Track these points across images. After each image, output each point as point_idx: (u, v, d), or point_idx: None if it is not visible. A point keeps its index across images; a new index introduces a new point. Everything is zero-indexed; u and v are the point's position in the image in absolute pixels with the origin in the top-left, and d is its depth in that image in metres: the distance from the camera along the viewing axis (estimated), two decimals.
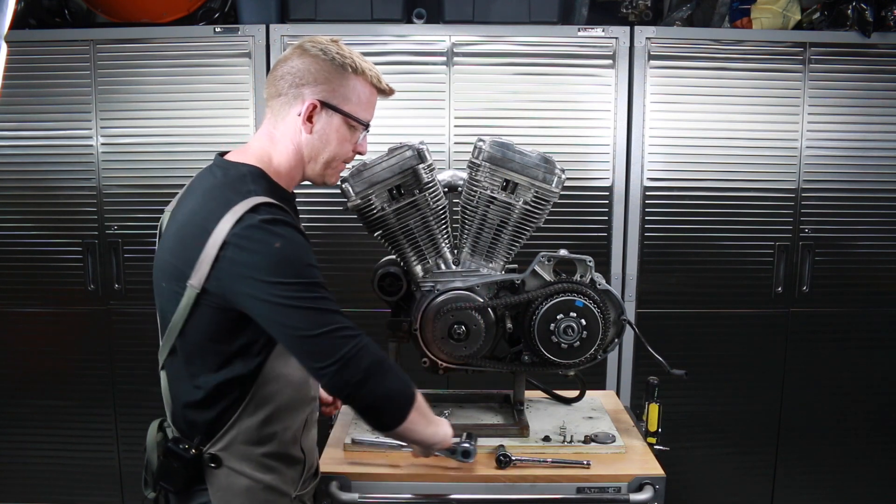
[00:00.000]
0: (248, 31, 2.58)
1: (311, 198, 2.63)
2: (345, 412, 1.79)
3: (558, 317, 1.53)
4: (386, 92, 1.42)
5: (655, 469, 1.52)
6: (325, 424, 1.79)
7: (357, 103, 1.38)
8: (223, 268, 1.22)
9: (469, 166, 1.57)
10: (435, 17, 2.68)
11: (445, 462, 1.51)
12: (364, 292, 1.85)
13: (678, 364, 1.63)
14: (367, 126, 1.40)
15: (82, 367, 2.73)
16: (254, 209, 1.23)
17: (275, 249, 1.21)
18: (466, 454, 1.47)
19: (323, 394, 1.66)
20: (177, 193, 1.42)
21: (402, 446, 1.52)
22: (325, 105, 1.35)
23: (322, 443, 1.65)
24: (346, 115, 1.36)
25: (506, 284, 1.61)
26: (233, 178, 1.31)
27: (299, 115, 1.34)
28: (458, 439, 1.48)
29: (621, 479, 1.49)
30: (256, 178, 1.32)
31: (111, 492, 2.81)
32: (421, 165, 1.52)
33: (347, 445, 1.58)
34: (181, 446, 1.33)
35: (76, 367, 2.73)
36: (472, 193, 1.56)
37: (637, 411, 1.76)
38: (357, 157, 1.44)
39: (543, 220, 1.59)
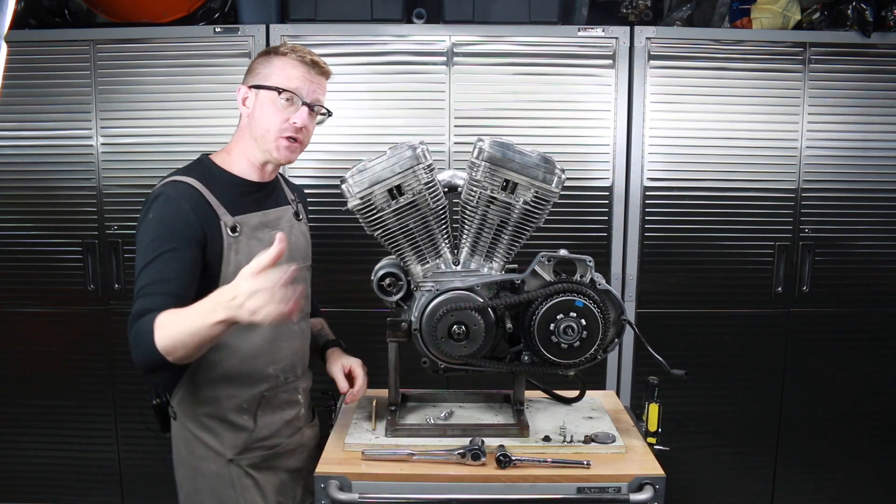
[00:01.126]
0: (248, 31, 2.59)
1: (312, 198, 2.62)
2: (345, 412, 1.79)
3: (558, 317, 1.53)
4: (309, 64, 1.60)
5: (655, 469, 1.52)
6: (325, 425, 1.79)
7: (279, 77, 1.57)
8: None
9: (469, 166, 1.57)
10: (435, 17, 2.68)
11: (446, 462, 1.51)
12: (364, 292, 1.85)
13: (678, 364, 1.63)
14: (290, 97, 1.56)
15: (82, 367, 2.73)
16: (163, 185, 1.53)
17: (146, 219, 1.49)
18: (476, 456, 1.49)
19: (343, 384, 1.72)
20: None
21: (412, 455, 1.52)
22: (253, 87, 1.60)
23: (322, 443, 1.65)
24: (268, 89, 1.57)
25: (506, 284, 1.61)
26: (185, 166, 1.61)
27: (241, 104, 1.61)
28: (467, 443, 1.52)
29: (621, 479, 1.49)
30: (197, 163, 1.62)
31: (111, 492, 2.81)
32: (420, 165, 1.52)
33: (347, 446, 1.58)
34: (152, 394, 1.65)
35: (76, 367, 2.73)
36: (472, 193, 1.56)
37: (637, 411, 1.76)
38: (296, 129, 1.59)
39: (543, 220, 1.58)
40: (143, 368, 1.43)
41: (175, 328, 1.35)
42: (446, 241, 1.61)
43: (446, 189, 1.62)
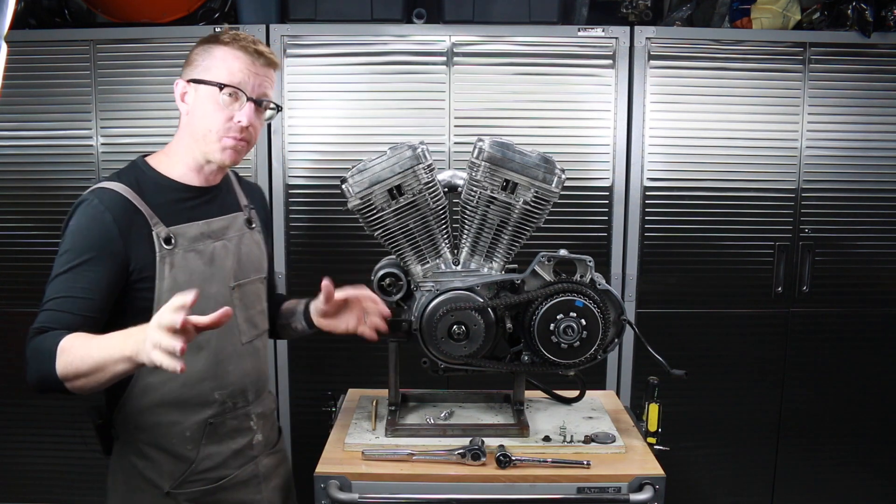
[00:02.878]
0: (247, 31, 2.57)
1: (312, 197, 2.63)
2: (344, 412, 1.79)
3: (558, 317, 1.53)
4: (253, 54, 1.46)
5: (655, 469, 1.52)
6: (325, 425, 1.79)
7: (219, 70, 1.44)
8: None
9: (469, 166, 1.57)
10: (435, 17, 2.68)
11: (446, 462, 1.51)
12: None
13: (678, 364, 1.63)
14: (233, 92, 1.44)
15: None
16: (90, 191, 1.42)
17: (67, 226, 1.41)
18: (476, 456, 1.49)
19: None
20: None
21: (412, 455, 1.52)
22: (191, 81, 1.46)
23: (322, 443, 1.65)
24: (207, 83, 1.43)
25: (506, 284, 1.61)
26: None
27: (179, 100, 1.47)
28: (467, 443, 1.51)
29: (621, 479, 1.49)
30: (131, 166, 1.50)
31: None
32: (420, 165, 1.52)
33: (347, 446, 1.58)
34: (94, 414, 1.50)
35: None
36: (472, 193, 1.56)
37: (637, 411, 1.76)
38: (241, 128, 1.46)
39: (543, 220, 1.59)
40: (36, 389, 1.32)
41: (79, 356, 1.24)
42: (446, 241, 1.61)
43: (446, 189, 1.62)
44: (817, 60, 2.63)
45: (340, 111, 2.62)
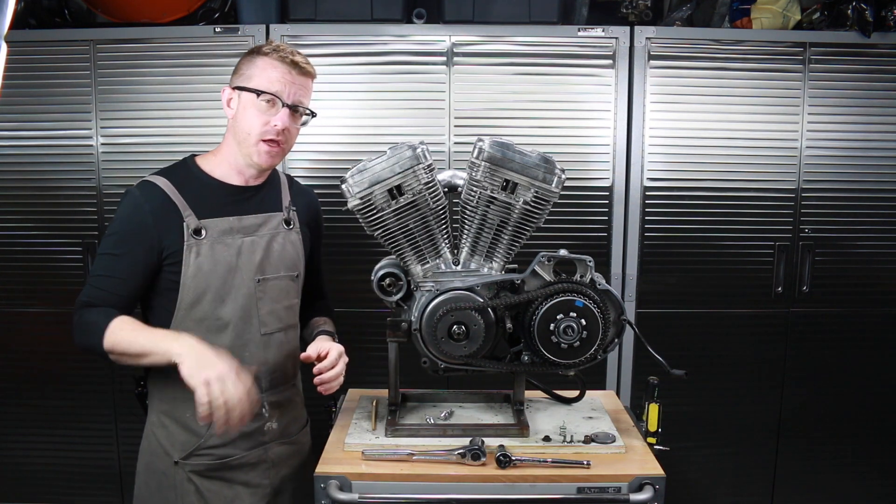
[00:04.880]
0: (248, 31, 2.58)
1: None
2: (345, 412, 1.79)
3: (558, 317, 1.53)
4: (290, 64, 1.57)
5: (655, 469, 1.52)
6: (325, 425, 1.79)
7: (260, 79, 1.56)
8: None
9: (469, 166, 1.57)
10: (435, 17, 2.68)
11: (446, 462, 1.51)
12: (364, 292, 1.85)
13: (678, 364, 1.63)
14: (270, 98, 1.55)
15: (82, 367, 2.73)
16: (136, 185, 1.58)
17: (116, 213, 1.57)
18: (476, 456, 1.49)
19: (305, 354, 1.65)
20: None
21: (412, 455, 1.52)
22: (235, 88, 1.59)
23: (322, 443, 1.65)
24: (248, 90, 1.56)
25: (506, 284, 1.61)
26: None
27: (225, 106, 1.61)
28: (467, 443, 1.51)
29: (621, 479, 1.49)
30: (180, 164, 1.64)
31: (111, 492, 2.81)
32: (420, 165, 1.52)
33: (347, 446, 1.58)
34: (135, 383, 1.69)
35: (76, 367, 2.73)
36: (472, 193, 1.56)
37: (637, 411, 1.76)
38: (277, 132, 1.57)
39: (543, 220, 1.59)
40: (81, 350, 1.54)
41: (127, 340, 1.46)
42: (446, 241, 1.61)
43: (446, 189, 1.62)
44: (817, 60, 2.63)
45: (340, 111, 2.62)
